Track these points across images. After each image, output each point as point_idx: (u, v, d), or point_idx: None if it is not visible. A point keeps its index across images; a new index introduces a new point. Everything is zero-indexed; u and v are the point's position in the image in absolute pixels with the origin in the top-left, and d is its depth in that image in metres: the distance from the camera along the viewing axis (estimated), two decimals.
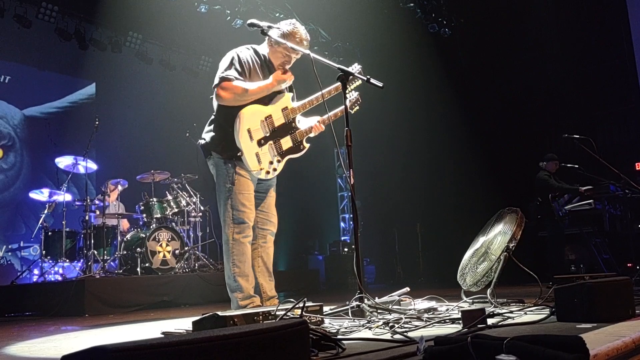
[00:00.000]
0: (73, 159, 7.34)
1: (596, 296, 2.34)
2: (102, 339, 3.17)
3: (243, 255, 3.43)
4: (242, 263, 3.42)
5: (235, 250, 3.41)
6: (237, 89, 3.41)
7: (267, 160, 3.47)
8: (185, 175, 7.58)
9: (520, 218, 3.63)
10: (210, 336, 1.07)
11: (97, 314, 5.35)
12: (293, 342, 1.27)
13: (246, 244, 3.46)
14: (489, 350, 1.42)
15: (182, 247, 6.91)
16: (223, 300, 6.31)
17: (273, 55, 3.62)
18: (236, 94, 3.41)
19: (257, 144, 3.44)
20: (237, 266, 3.40)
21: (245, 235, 3.45)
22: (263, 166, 3.45)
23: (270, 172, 3.49)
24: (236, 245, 3.42)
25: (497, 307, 3.07)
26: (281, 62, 3.59)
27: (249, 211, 3.48)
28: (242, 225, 3.44)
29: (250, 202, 3.50)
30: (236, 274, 3.40)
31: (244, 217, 3.44)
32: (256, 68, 3.58)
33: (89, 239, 6.76)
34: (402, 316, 2.71)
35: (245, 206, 3.46)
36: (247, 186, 3.49)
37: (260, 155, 3.44)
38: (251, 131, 3.43)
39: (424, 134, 10.17)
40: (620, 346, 1.67)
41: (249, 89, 3.42)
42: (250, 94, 3.43)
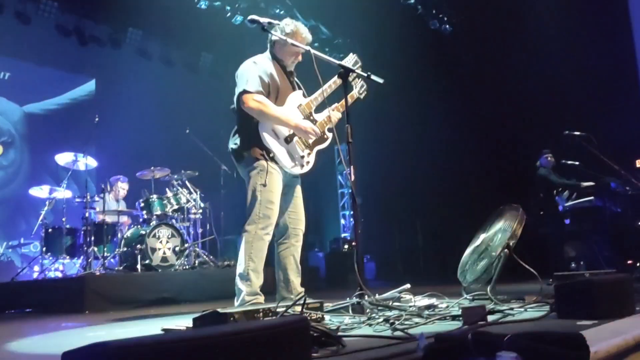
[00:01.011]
0: (73, 156, 7.32)
1: (596, 293, 2.34)
2: (102, 335, 3.17)
3: (261, 252, 3.53)
4: (258, 259, 3.52)
5: (255, 246, 3.50)
6: (267, 111, 3.49)
7: (298, 155, 3.59)
8: (186, 172, 7.57)
9: (520, 215, 3.64)
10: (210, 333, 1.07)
11: (98, 311, 5.34)
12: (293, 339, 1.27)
13: (266, 241, 3.56)
14: (490, 347, 1.42)
15: (182, 244, 6.90)
16: (223, 297, 6.32)
17: (284, 55, 3.70)
18: (264, 113, 3.49)
19: (285, 142, 3.56)
20: (253, 261, 3.49)
21: (267, 233, 3.55)
22: (296, 162, 3.58)
23: (305, 165, 3.64)
24: (257, 241, 3.51)
25: (498, 304, 3.07)
26: (292, 59, 3.70)
27: (275, 209, 3.59)
28: (267, 221, 3.53)
29: (277, 201, 3.60)
30: (250, 267, 3.48)
31: (270, 213, 3.54)
32: (275, 77, 3.64)
33: (89, 235, 6.76)
34: (402, 313, 2.71)
35: (273, 204, 3.56)
36: (277, 185, 3.58)
37: (291, 152, 3.57)
38: (276, 131, 3.54)
39: (424, 130, 10.15)
40: (621, 343, 1.67)
41: (276, 116, 3.51)
42: (272, 120, 3.52)
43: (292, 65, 3.75)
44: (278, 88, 3.62)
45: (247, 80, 3.53)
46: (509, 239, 3.49)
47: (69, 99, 9.88)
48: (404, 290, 3.51)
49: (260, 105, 3.46)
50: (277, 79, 3.63)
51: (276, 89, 3.61)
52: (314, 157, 3.68)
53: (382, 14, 9.32)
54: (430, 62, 9.44)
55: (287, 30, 3.63)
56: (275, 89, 3.61)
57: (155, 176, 7.47)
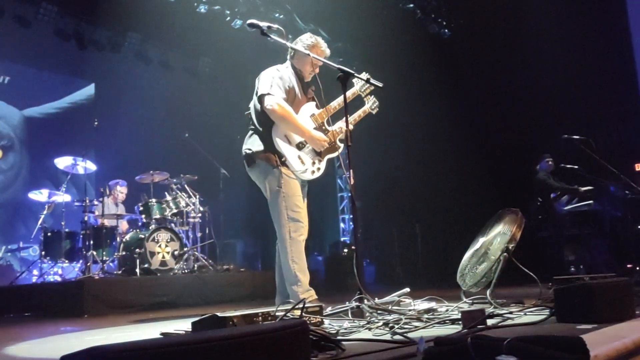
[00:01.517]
0: (72, 160, 7.33)
1: (596, 297, 2.34)
2: (101, 339, 3.17)
3: (300, 252, 3.67)
4: (300, 259, 3.66)
5: (294, 248, 3.65)
6: (288, 117, 3.63)
7: (309, 161, 3.73)
8: (185, 176, 7.57)
9: (519, 219, 3.63)
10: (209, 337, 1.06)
11: (96, 315, 5.34)
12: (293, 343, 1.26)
13: (302, 242, 3.70)
14: (489, 350, 1.42)
15: (181, 248, 6.90)
16: (223, 301, 6.33)
17: (303, 66, 3.87)
18: (285, 118, 3.62)
19: (297, 148, 3.70)
20: (296, 262, 3.65)
21: (300, 234, 3.68)
22: (307, 167, 3.71)
23: (315, 171, 3.77)
24: (293, 244, 3.65)
25: (497, 307, 3.07)
26: (310, 71, 3.88)
27: (303, 211, 3.73)
28: (298, 223, 3.67)
29: (302, 202, 3.74)
30: (296, 269, 3.62)
31: (298, 216, 3.68)
32: (295, 88, 3.81)
33: (88, 239, 6.75)
34: (402, 317, 2.70)
35: (299, 206, 3.69)
36: (297, 188, 3.72)
37: (302, 157, 3.70)
38: (289, 137, 3.68)
39: (423, 134, 10.16)
40: (621, 347, 1.67)
41: (295, 123, 3.65)
42: (290, 127, 3.66)
43: (309, 76, 3.92)
44: (295, 97, 3.78)
45: (271, 85, 3.67)
46: (508, 243, 3.48)
47: (69, 102, 9.88)
48: (404, 294, 3.51)
49: (283, 111, 3.60)
50: (296, 88, 3.80)
51: (293, 98, 3.76)
52: (324, 165, 3.81)
53: (381, 18, 9.34)
54: (429, 67, 9.44)
55: (307, 42, 3.84)
56: (293, 97, 3.76)
57: (155, 180, 7.47)
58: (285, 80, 3.74)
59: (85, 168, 7.35)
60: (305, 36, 3.93)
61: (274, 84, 3.66)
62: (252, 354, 1.14)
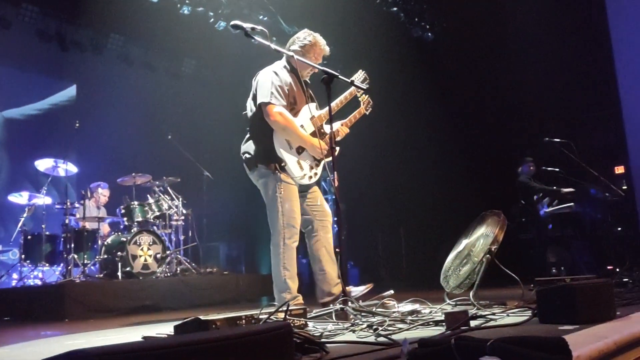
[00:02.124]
0: (53, 162, 7.24)
1: (578, 298, 2.35)
2: (82, 343, 3.12)
3: (292, 259, 3.70)
4: (291, 266, 3.69)
5: (286, 255, 3.67)
6: (291, 127, 3.62)
7: (307, 166, 3.73)
8: (167, 179, 7.51)
9: (502, 221, 3.66)
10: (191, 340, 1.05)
11: (78, 319, 5.26)
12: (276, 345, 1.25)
13: (294, 248, 3.72)
14: (473, 351, 1.42)
15: (164, 251, 6.84)
16: (206, 305, 6.28)
17: (300, 66, 3.78)
18: (287, 129, 3.62)
19: (296, 152, 3.69)
20: (287, 269, 3.67)
21: (294, 241, 3.70)
22: (305, 172, 3.72)
23: (312, 176, 3.78)
24: (287, 250, 3.67)
25: (480, 309, 3.08)
26: (307, 70, 3.83)
27: (298, 217, 3.73)
28: (292, 230, 3.68)
29: (298, 207, 3.75)
30: (286, 276, 3.66)
31: (293, 222, 3.68)
32: (293, 88, 3.76)
33: (69, 242, 6.66)
34: (385, 319, 2.70)
35: (295, 212, 3.70)
36: (294, 193, 3.72)
37: (301, 163, 3.70)
38: (289, 141, 3.67)
39: (407, 137, 10.20)
40: (602, 347, 1.68)
41: (297, 134, 3.64)
42: (292, 137, 3.65)
43: (307, 75, 3.88)
44: (295, 98, 3.74)
45: (271, 92, 3.62)
46: (491, 245, 3.50)
47: (50, 104, 9.75)
48: (388, 296, 3.51)
49: (285, 122, 3.59)
50: (295, 89, 3.76)
51: (293, 99, 3.73)
52: (321, 169, 3.82)
53: (365, 20, 9.37)
54: (412, 70, 9.49)
55: (305, 41, 3.78)
56: (292, 98, 3.72)
57: (137, 182, 7.40)
58: (284, 83, 3.68)
59: (66, 170, 7.26)
60: (302, 34, 3.84)
61: (274, 91, 3.61)
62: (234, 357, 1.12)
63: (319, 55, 3.81)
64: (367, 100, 4.09)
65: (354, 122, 4.04)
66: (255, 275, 9.11)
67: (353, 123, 4.03)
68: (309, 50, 3.76)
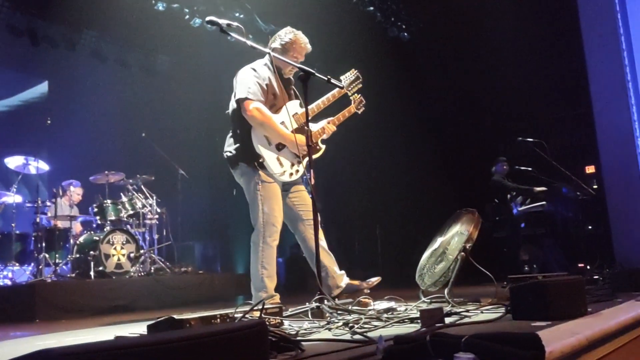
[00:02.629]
0: (24, 159, 7.09)
1: (550, 295, 2.39)
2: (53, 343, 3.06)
3: (271, 258, 3.69)
4: (270, 265, 3.68)
5: (265, 254, 3.65)
6: (268, 122, 3.59)
7: (288, 163, 3.69)
8: (141, 177, 7.42)
9: (476, 219, 3.70)
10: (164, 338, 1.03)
11: (49, 319, 5.16)
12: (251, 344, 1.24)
13: (274, 247, 3.70)
14: (448, 348, 1.42)
15: (138, 251, 6.75)
16: (180, 305, 6.22)
17: (281, 63, 3.77)
18: (264, 124, 3.59)
19: (276, 149, 3.66)
20: (265, 268, 3.65)
21: (274, 239, 3.68)
22: (285, 169, 3.68)
23: (294, 173, 3.73)
24: (266, 249, 3.65)
25: (455, 306, 3.11)
26: (289, 68, 3.80)
27: (278, 215, 3.70)
28: (272, 228, 3.66)
29: (279, 206, 3.72)
30: (264, 275, 3.64)
31: (274, 221, 3.66)
32: (273, 85, 3.74)
33: (40, 241, 6.53)
34: (361, 316, 2.71)
35: (275, 210, 3.67)
36: (275, 191, 3.69)
37: (281, 159, 3.66)
38: (269, 138, 3.63)
39: (382, 136, 10.24)
40: (574, 343, 1.71)
41: (275, 129, 3.61)
42: (270, 132, 3.62)
43: (289, 73, 3.85)
44: (275, 95, 3.72)
45: (248, 88, 3.60)
46: (466, 242, 3.54)
47: (20, 100, 9.54)
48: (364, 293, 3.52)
49: (262, 117, 3.56)
50: (275, 86, 3.73)
51: (273, 96, 3.70)
52: (304, 166, 3.78)
53: (341, 19, 9.37)
54: (388, 69, 9.53)
55: (285, 39, 3.76)
56: (272, 95, 3.70)
57: (110, 180, 7.30)
58: (262, 80, 3.67)
59: (37, 168, 7.12)
60: (284, 31, 3.82)
61: (251, 87, 3.60)
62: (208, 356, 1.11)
63: (300, 52, 3.78)
64: (360, 99, 4.09)
65: (342, 120, 4.01)
66: (230, 275, 9.06)
67: (341, 121, 4.01)
68: (289, 48, 3.74)
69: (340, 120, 4.00)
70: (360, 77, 4.01)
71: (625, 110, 7.24)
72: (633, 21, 7.35)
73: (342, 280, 3.86)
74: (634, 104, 7.25)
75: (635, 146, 7.18)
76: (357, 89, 4.05)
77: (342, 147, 10.63)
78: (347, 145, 10.63)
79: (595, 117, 7.47)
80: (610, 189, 7.29)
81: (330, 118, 3.96)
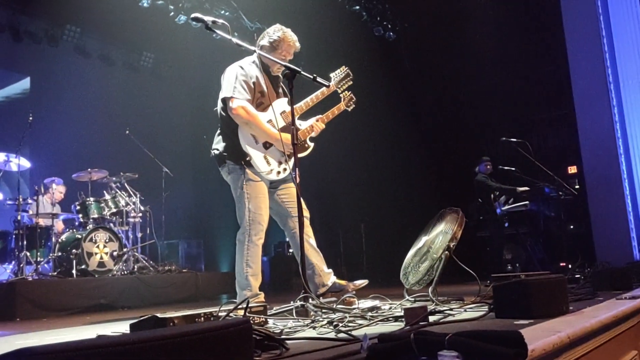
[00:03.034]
0: (5, 156, 6.99)
1: (532, 293, 2.41)
2: (34, 342, 3.02)
3: (256, 256, 3.67)
4: (255, 264, 3.65)
5: (250, 252, 3.63)
6: (253, 121, 3.58)
7: (275, 161, 3.68)
8: (125, 174, 7.36)
9: (460, 218, 3.71)
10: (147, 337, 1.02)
11: (30, 318, 5.11)
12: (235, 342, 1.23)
13: (260, 246, 3.68)
14: (432, 346, 1.43)
15: (121, 249, 6.69)
16: (164, 303, 6.18)
17: (268, 61, 3.75)
18: (249, 123, 3.58)
19: (263, 147, 3.64)
20: (250, 266, 3.62)
21: (259, 238, 3.66)
22: (272, 167, 3.66)
23: (281, 171, 3.72)
24: (251, 247, 3.63)
25: (439, 304, 3.12)
26: (277, 66, 3.77)
27: (264, 214, 3.69)
28: (258, 227, 3.64)
29: (266, 204, 3.71)
30: (248, 273, 3.62)
31: (260, 219, 3.65)
32: (260, 83, 3.72)
33: (21, 239, 6.44)
34: (346, 315, 2.71)
35: (261, 209, 3.66)
36: (261, 189, 3.69)
37: (268, 158, 3.65)
38: (256, 136, 3.62)
39: (367, 135, 10.26)
40: (556, 341, 1.72)
41: (260, 127, 3.60)
42: (256, 131, 3.61)
43: (277, 71, 3.83)
44: (262, 93, 3.70)
45: (234, 86, 3.59)
46: (450, 241, 3.55)
47: (2, 97, 9.40)
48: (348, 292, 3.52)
49: (247, 115, 3.55)
50: (262, 83, 3.71)
51: (260, 94, 3.68)
52: (292, 165, 3.72)
53: (327, 18, 9.37)
54: (374, 69, 9.55)
55: (274, 37, 3.73)
56: (259, 93, 3.68)
57: (93, 178, 7.23)
58: (248, 77, 3.65)
59: (18, 165, 7.03)
60: (273, 29, 3.79)
61: (237, 85, 3.59)
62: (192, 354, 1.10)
63: (288, 51, 3.75)
64: (350, 97, 4.08)
65: (331, 117, 4.00)
66: (214, 273, 9.03)
67: (330, 119, 3.99)
68: (278, 46, 3.72)
69: (330, 117, 3.99)
70: (350, 75, 4.02)
71: (607, 111, 7.34)
72: (615, 24, 7.45)
73: (328, 279, 3.85)
74: (615, 105, 7.35)
75: (616, 147, 7.28)
76: (347, 86, 4.05)
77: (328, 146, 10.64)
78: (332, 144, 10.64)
79: (578, 118, 7.57)
80: (592, 189, 7.39)
81: (319, 116, 3.94)
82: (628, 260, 6.47)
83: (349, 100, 4.09)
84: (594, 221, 7.35)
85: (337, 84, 3.97)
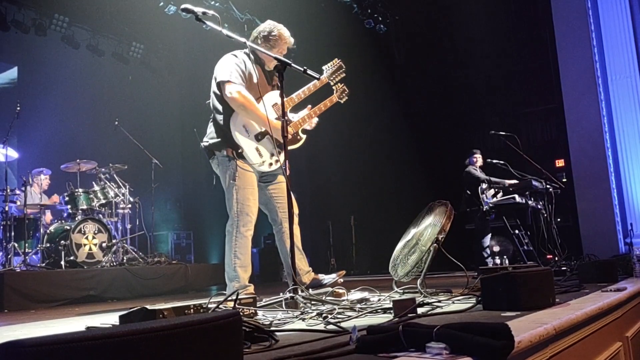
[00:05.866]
0: None
1: (519, 286, 2.43)
2: (22, 334, 3.01)
3: (245, 247, 3.65)
4: (243, 255, 3.64)
5: (239, 243, 3.62)
6: (248, 104, 3.57)
7: (267, 153, 3.67)
8: (114, 165, 7.32)
9: (449, 210, 3.73)
10: (136, 329, 1.02)
11: (18, 310, 5.08)
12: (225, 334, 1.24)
13: (248, 237, 3.67)
14: (420, 338, 1.44)
15: (110, 240, 6.66)
16: (153, 294, 6.17)
17: (261, 54, 3.76)
18: (244, 106, 3.57)
19: (255, 139, 3.63)
20: (239, 257, 3.61)
21: (248, 229, 3.65)
22: (265, 159, 3.66)
23: (273, 163, 3.72)
24: (240, 238, 3.62)
25: (427, 296, 3.14)
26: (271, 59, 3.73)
27: (253, 205, 3.68)
28: (247, 218, 3.63)
29: (254, 196, 3.69)
30: (237, 264, 3.61)
31: (248, 210, 3.64)
32: (253, 74, 3.73)
33: (9, 230, 6.40)
34: (335, 307, 2.72)
35: (250, 200, 3.65)
36: (250, 181, 3.67)
37: (260, 149, 3.64)
38: (247, 127, 3.61)
39: (358, 128, 10.28)
40: (543, 333, 1.74)
41: (255, 111, 3.58)
42: (250, 115, 3.60)
43: (272, 64, 3.79)
44: (255, 84, 3.69)
45: (230, 72, 3.60)
46: (439, 234, 3.57)
47: None
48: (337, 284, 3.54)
49: (243, 99, 3.55)
50: (254, 75, 3.71)
51: (252, 85, 3.68)
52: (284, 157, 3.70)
53: (318, 10, 9.35)
54: (365, 61, 9.55)
55: (271, 35, 3.76)
56: (251, 84, 3.67)
57: (81, 169, 7.18)
58: (242, 65, 3.66)
59: (6, 155, 6.96)
60: (268, 26, 3.81)
61: (233, 71, 3.60)
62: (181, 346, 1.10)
63: (283, 47, 3.79)
64: (342, 89, 4.08)
65: (323, 110, 4.00)
66: (204, 265, 9.02)
67: (323, 111, 4.00)
68: (275, 44, 3.75)
69: (322, 109, 3.99)
70: (343, 67, 4.03)
71: (595, 105, 7.40)
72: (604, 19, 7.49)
73: (307, 278, 3.85)
74: (603, 100, 7.41)
75: (603, 141, 7.35)
76: (340, 78, 4.05)
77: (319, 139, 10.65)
78: (323, 136, 10.64)
79: (566, 112, 7.62)
80: (579, 183, 7.46)
81: (309, 106, 3.96)
82: (614, 253, 6.55)
83: (341, 93, 4.09)
84: (581, 214, 7.42)
85: (329, 77, 3.97)
